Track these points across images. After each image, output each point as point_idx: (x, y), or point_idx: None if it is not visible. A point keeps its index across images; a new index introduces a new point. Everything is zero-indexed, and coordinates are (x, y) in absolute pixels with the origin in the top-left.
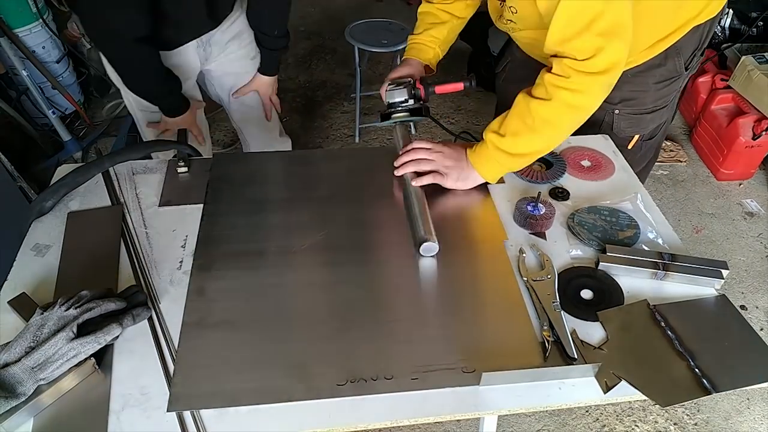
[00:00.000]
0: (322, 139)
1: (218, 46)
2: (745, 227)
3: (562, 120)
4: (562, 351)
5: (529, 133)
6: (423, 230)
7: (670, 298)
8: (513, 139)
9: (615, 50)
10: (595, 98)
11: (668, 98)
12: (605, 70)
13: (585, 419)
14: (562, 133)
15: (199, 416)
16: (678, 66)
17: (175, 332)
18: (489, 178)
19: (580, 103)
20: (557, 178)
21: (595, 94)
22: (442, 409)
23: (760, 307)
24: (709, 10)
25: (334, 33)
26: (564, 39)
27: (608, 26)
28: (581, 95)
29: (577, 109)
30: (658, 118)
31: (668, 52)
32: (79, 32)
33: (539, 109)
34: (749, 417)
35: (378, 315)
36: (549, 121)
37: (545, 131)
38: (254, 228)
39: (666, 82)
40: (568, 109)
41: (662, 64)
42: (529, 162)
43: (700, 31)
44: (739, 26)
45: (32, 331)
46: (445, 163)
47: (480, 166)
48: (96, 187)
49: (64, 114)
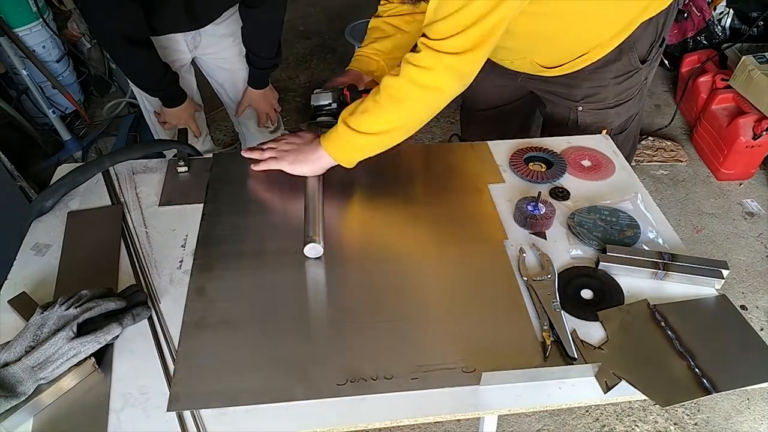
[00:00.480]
0: None
1: (209, 36)
2: (746, 227)
3: (409, 97)
4: (562, 351)
5: (377, 109)
6: (310, 230)
7: (670, 298)
8: (361, 115)
9: (467, 37)
10: (443, 80)
11: (631, 91)
12: (455, 52)
13: (585, 419)
14: (409, 114)
15: (199, 416)
16: (633, 60)
17: (175, 332)
18: (341, 160)
19: (426, 81)
20: (557, 178)
21: (442, 75)
22: (442, 409)
23: (760, 307)
24: (658, 4)
25: (334, 32)
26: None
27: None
28: (428, 73)
29: (424, 89)
30: (624, 112)
31: (622, 48)
32: (79, 32)
33: (388, 83)
34: (749, 417)
35: (378, 315)
36: (394, 96)
37: (391, 108)
38: (254, 228)
39: (624, 76)
40: (413, 85)
41: (617, 59)
42: (380, 145)
43: (654, 24)
44: (740, 26)
45: (32, 331)
46: (284, 147)
47: (330, 147)
48: (96, 187)
49: (64, 113)
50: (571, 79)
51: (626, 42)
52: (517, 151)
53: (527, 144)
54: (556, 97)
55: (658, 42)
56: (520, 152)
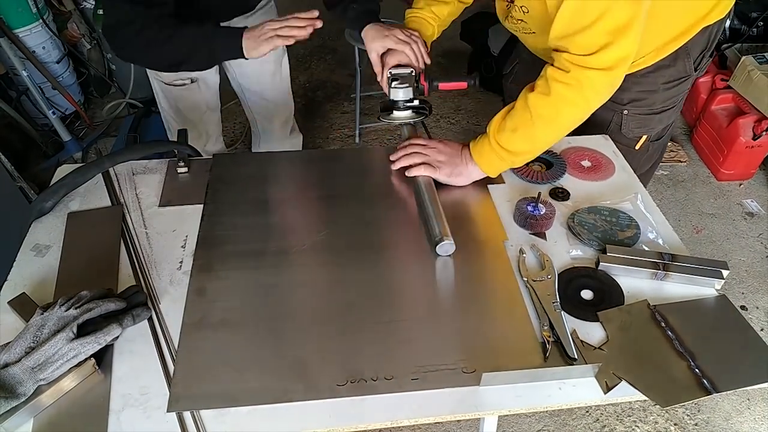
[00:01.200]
0: (322, 139)
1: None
2: (746, 227)
3: (560, 115)
4: (562, 351)
5: (527, 128)
6: (438, 230)
7: (670, 299)
8: (511, 134)
9: (619, 48)
10: (596, 95)
11: (676, 99)
12: (607, 67)
13: (585, 419)
14: (560, 128)
15: (199, 416)
16: (687, 67)
17: (175, 332)
18: (489, 172)
19: (578, 98)
20: (557, 179)
21: (596, 90)
22: (442, 410)
23: (760, 307)
24: (718, 11)
25: (334, 33)
26: (566, 34)
27: (614, 25)
28: (580, 90)
29: (575, 105)
30: (666, 119)
31: (678, 53)
32: (79, 32)
33: (537, 102)
34: (749, 417)
35: (378, 315)
36: (545, 116)
37: (542, 126)
38: (254, 228)
39: (674, 83)
40: (565, 104)
41: (671, 65)
42: (530, 158)
43: (708, 32)
44: (740, 26)
45: (32, 332)
46: (438, 157)
47: (480, 160)
48: (96, 188)
49: (64, 114)
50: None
51: (682, 48)
52: None
53: None
54: None
55: (708, 51)
56: None
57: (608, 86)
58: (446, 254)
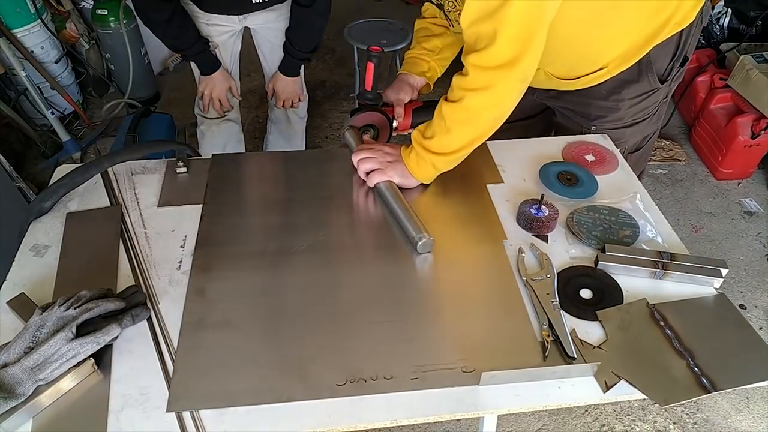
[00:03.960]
0: (321, 138)
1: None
2: (744, 226)
3: (478, 117)
4: (561, 350)
5: (447, 134)
6: (413, 229)
7: (669, 297)
8: (435, 140)
9: (511, 42)
10: (504, 93)
11: (649, 110)
12: (503, 63)
13: (584, 418)
14: (480, 128)
15: (198, 417)
16: (652, 80)
17: (174, 332)
18: (423, 179)
19: (488, 101)
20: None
21: (502, 89)
22: (442, 409)
23: (759, 306)
24: (681, 16)
25: (334, 33)
26: (471, 22)
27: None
28: (486, 93)
29: (486, 107)
30: (639, 132)
31: (641, 67)
32: (78, 32)
33: (450, 111)
34: (748, 416)
35: (377, 315)
36: (461, 120)
37: (462, 129)
38: (253, 228)
39: (642, 96)
40: (479, 108)
41: (635, 81)
42: (459, 158)
43: (676, 40)
44: (738, 26)
45: (31, 332)
46: (387, 159)
47: (412, 167)
48: (95, 188)
49: (62, 114)
50: (585, 97)
51: (645, 61)
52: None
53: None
54: (571, 113)
55: (679, 60)
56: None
57: (512, 83)
58: (427, 251)
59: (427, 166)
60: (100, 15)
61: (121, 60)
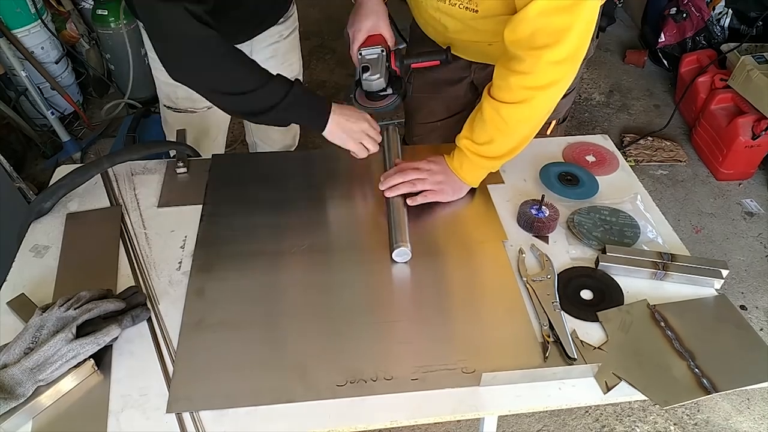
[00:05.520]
0: (321, 139)
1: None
2: (745, 227)
3: (539, 114)
4: (562, 351)
5: (504, 137)
6: (396, 237)
7: (669, 298)
8: (489, 146)
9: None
10: (566, 86)
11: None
12: (570, 57)
13: (585, 419)
14: (538, 124)
15: (198, 417)
16: None
17: (174, 333)
18: (474, 184)
19: (555, 96)
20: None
21: (566, 82)
22: (442, 410)
23: (759, 307)
24: None
25: (334, 33)
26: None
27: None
28: (554, 89)
29: (553, 102)
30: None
31: None
32: (78, 33)
33: (513, 113)
34: (749, 417)
35: (378, 315)
36: (523, 120)
37: (521, 129)
38: (253, 229)
39: None
40: (545, 104)
41: None
42: (512, 156)
43: None
44: (739, 26)
45: (31, 332)
46: (437, 178)
47: (463, 174)
48: (95, 188)
49: (63, 114)
50: None
51: None
52: None
53: None
54: None
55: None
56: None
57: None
58: (403, 261)
59: (481, 172)
60: (101, 15)
61: (121, 60)
